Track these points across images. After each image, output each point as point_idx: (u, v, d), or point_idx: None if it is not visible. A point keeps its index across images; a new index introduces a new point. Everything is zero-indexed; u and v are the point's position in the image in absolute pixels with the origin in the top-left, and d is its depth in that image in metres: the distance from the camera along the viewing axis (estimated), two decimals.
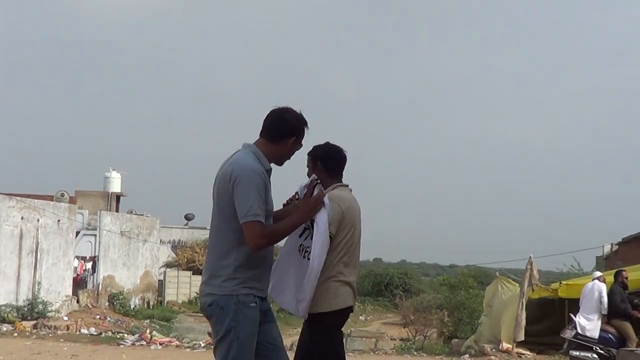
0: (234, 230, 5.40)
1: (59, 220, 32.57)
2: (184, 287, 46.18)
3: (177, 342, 24.24)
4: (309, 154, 6.56)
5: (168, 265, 47.86)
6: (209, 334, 25.01)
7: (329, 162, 6.57)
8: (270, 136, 5.60)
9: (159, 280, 44.97)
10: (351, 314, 6.71)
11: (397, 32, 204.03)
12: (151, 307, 42.22)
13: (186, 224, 58.31)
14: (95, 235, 38.89)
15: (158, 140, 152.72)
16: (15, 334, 22.35)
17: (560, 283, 23.09)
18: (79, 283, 36.76)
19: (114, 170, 46.10)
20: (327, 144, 6.61)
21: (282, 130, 5.58)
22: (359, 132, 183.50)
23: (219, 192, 5.49)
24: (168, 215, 73.49)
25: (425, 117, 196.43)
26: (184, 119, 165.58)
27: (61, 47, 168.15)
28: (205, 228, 56.28)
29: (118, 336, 24.72)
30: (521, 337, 21.41)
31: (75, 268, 36.00)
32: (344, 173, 6.74)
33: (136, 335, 24.72)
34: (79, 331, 26.93)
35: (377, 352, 24.63)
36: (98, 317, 33.73)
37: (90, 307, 36.20)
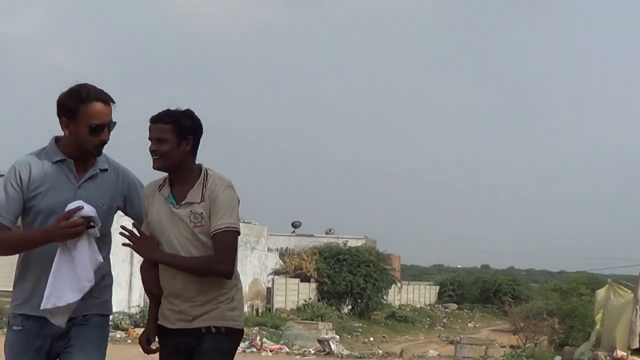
0: None
1: None
2: (292, 294, 46.38)
3: (287, 349, 24.38)
4: (168, 122, 4.73)
5: (276, 272, 48.14)
6: (319, 340, 25.11)
7: (200, 137, 4.85)
8: None
9: (267, 288, 45.26)
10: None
11: (506, 37, 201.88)
12: (260, 314, 42.52)
13: (293, 232, 58.61)
14: None
15: (265, 149, 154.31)
16: (129, 341, 22.78)
17: None
18: None
19: None
20: (192, 112, 4.84)
21: (57, 112, 4.63)
22: (467, 138, 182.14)
23: None
24: (275, 223, 74.05)
25: (535, 123, 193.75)
26: (290, 126, 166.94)
27: (167, 55, 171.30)
28: (312, 235, 56.56)
29: None
30: (636, 344, 20.94)
31: None
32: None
33: (247, 342, 24.91)
34: None
35: None
36: None
37: None
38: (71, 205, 4.47)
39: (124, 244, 4.81)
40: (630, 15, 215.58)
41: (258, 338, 25.85)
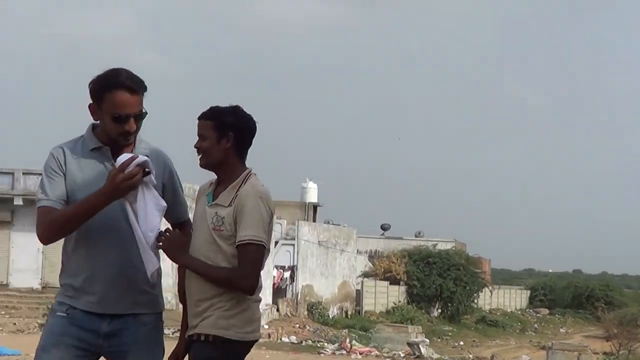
0: None
1: None
2: (382, 297, 46.33)
3: (376, 352, 24.35)
4: (209, 118, 4.56)
5: (365, 275, 48.16)
6: (409, 344, 25.05)
7: (245, 135, 4.61)
8: None
9: (356, 290, 45.28)
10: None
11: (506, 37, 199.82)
12: (349, 316, 42.57)
13: (382, 234, 58.54)
14: (293, 244, 39.55)
15: (353, 151, 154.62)
16: None
17: None
18: (276, 292, 37.47)
19: (310, 180, 46.81)
20: (239, 108, 4.62)
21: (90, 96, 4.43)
22: (547, 140, 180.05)
23: None
24: (364, 225, 74.09)
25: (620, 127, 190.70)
26: (378, 129, 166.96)
27: (251, 58, 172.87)
28: (401, 238, 56.41)
29: (318, 345, 25.04)
30: None
31: (274, 277, 36.68)
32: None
33: (336, 344, 25.00)
34: (280, 339, 27.42)
35: None
36: (297, 325, 34.28)
37: (290, 315, 36.87)
38: (123, 158, 4.23)
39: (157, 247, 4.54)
40: None
41: (347, 340, 25.89)
